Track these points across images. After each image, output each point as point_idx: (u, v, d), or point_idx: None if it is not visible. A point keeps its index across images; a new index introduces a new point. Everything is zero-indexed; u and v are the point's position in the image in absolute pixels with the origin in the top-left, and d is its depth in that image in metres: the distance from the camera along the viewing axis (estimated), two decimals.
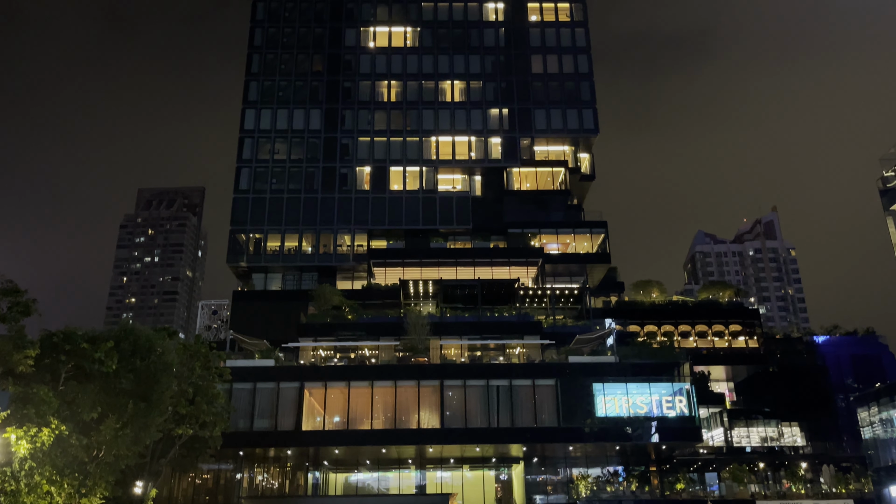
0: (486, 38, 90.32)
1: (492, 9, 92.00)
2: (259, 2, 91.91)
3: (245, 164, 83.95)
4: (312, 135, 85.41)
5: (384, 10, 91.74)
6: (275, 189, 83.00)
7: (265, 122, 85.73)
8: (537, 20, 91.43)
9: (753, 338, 74.68)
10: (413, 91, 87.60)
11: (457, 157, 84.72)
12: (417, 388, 55.92)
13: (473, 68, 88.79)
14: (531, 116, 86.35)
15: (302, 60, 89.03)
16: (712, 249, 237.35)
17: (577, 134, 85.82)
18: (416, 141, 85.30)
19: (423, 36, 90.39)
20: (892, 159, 59.36)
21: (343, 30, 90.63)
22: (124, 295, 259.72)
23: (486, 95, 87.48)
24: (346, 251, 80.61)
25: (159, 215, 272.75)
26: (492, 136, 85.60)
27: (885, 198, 60.07)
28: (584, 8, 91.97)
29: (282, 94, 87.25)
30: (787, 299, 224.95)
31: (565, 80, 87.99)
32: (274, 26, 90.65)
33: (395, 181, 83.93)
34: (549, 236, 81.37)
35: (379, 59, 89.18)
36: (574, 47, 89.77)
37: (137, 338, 38.27)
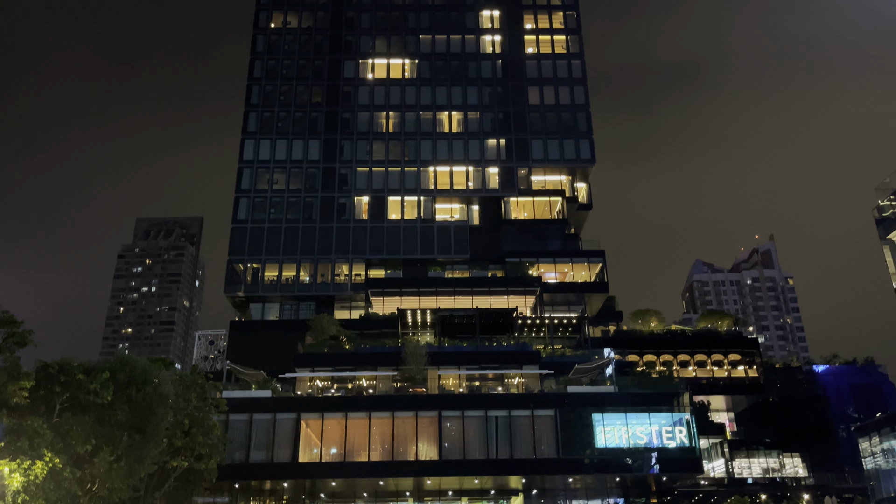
0: (484, 70, 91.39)
1: (489, 41, 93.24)
2: (259, 35, 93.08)
3: (243, 194, 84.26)
4: (311, 165, 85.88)
5: (383, 42, 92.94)
6: (273, 219, 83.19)
7: (264, 153, 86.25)
8: (534, 52, 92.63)
9: (753, 367, 74.39)
10: (411, 122, 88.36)
11: (454, 187, 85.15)
12: (415, 419, 55.46)
13: (471, 99, 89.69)
14: (528, 147, 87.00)
15: (301, 92, 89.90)
16: (710, 278, 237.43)
17: (573, 164, 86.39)
18: (415, 171, 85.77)
19: (421, 68, 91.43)
20: (887, 189, 59.76)
21: (342, 62, 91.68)
22: (121, 325, 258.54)
23: (484, 126, 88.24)
24: (344, 281, 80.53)
25: (157, 245, 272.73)
26: (489, 166, 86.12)
27: (881, 227, 60.26)
28: (580, 41, 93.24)
29: (281, 125, 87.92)
30: (786, 328, 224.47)
31: (562, 111, 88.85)
32: (273, 58, 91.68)
33: (394, 211, 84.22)
34: (547, 265, 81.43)
35: (377, 90, 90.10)
36: (570, 79, 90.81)
37: (133, 368, 38.01)
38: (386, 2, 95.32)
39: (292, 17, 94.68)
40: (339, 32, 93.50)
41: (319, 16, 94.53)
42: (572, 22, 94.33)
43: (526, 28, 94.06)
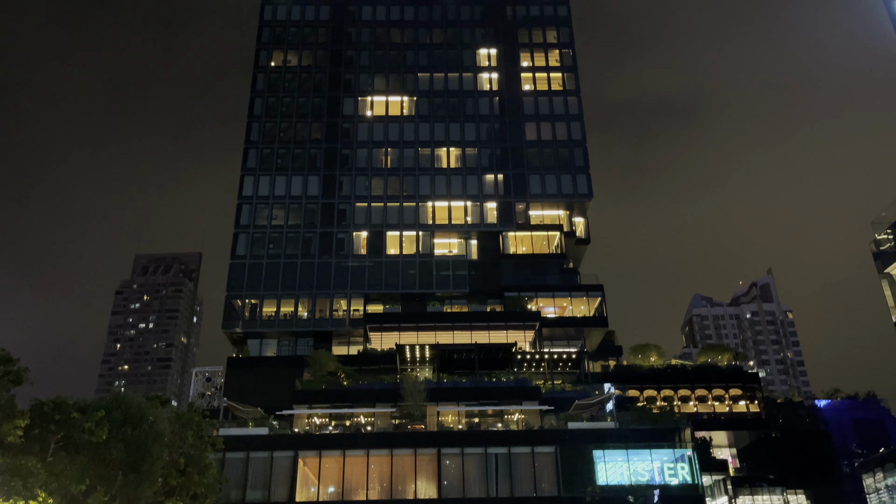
0: (481, 107, 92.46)
1: (486, 79, 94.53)
2: (259, 73, 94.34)
3: (242, 230, 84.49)
4: (310, 201, 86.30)
5: (381, 80, 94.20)
6: (272, 254, 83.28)
7: (263, 189, 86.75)
8: (531, 89, 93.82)
9: (754, 402, 73.82)
10: (409, 158, 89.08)
11: (453, 222, 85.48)
12: (414, 457, 54.79)
13: (469, 135, 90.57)
14: (526, 182, 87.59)
15: (301, 128, 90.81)
16: (709, 312, 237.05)
17: (571, 199, 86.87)
18: (413, 206, 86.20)
19: (419, 105, 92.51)
20: (883, 222, 59.96)
21: (341, 99, 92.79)
22: (117, 362, 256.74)
23: (482, 161, 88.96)
24: (343, 316, 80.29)
25: (155, 281, 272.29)
26: (487, 201, 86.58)
27: (878, 261, 60.30)
28: (576, 78, 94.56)
29: (280, 161, 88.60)
30: (787, 362, 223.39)
31: (559, 147, 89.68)
32: (273, 96, 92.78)
33: (392, 246, 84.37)
34: (546, 300, 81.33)
35: (376, 126, 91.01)
36: (567, 115, 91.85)
37: (129, 406, 37.62)
38: (384, 41, 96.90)
39: (292, 55, 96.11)
40: (338, 70, 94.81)
41: (319, 54, 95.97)
42: (568, 60, 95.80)
43: (523, 66, 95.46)
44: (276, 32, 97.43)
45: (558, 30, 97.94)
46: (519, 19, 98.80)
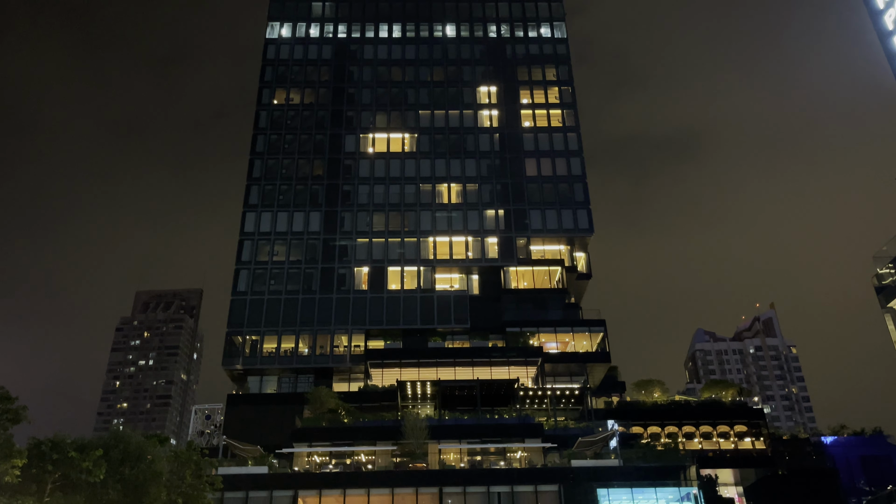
0: (482, 143, 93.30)
1: (486, 116, 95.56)
2: (262, 111, 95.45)
3: (244, 266, 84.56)
4: (312, 236, 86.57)
5: (383, 117, 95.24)
6: (273, 290, 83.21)
7: (265, 225, 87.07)
8: (530, 126, 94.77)
9: (760, 439, 72.86)
10: (411, 194, 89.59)
11: (454, 257, 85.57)
12: (416, 496, 54.00)
13: (469, 171, 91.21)
14: (527, 217, 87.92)
15: (303, 165, 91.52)
16: (712, 347, 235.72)
17: (572, 234, 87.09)
18: (414, 241, 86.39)
19: (420, 141, 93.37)
20: (884, 257, 60.00)
21: (343, 136, 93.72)
22: (116, 399, 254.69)
23: (483, 197, 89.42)
24: (343, 352, 79.86)
25: (156, 318, 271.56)
26: (488, 236, 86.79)
27: (881, 295, 60.18)
28: (576, 114, 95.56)
29: (282, 198, 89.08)
30: (792, 398, 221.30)
31: (559, 182, 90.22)
32: (276, 133, 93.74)
33: (393, 281, 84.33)
34: (548, 335, 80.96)
35: (378, 163, 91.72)
36: (566, 151, 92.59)
37: (127, 445, 37.24)
38: (386, 79, 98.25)
39: (295, 93, 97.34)
40: (340, 108, 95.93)
41: (321, 92, 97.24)
42: (567, 97, 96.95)
43: (522, 103, 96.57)
44: (278, 71, 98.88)
45: (557, 68, 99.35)
46: (518, 57, 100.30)
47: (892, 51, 47.13)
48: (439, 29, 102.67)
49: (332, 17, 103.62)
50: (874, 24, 48.96)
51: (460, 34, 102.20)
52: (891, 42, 47.05)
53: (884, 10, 47.55)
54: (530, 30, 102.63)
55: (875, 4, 48.49)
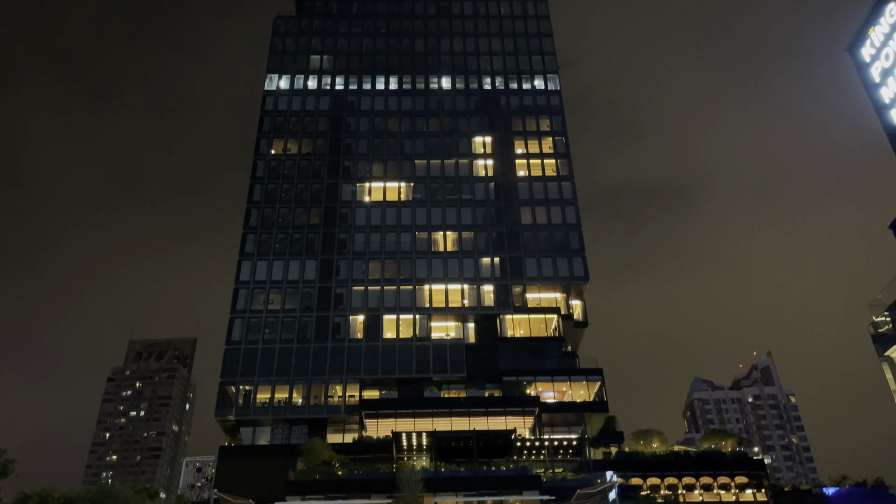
0: (477, 192, 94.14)
1: (481, 165, 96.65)
2: (260, 160, 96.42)
3: (238, 315, 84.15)
4: (307, 285, 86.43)
5: (379, 167, 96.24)
6: (267, 339, 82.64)
7: (261, 273, 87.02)
8: (525, 175, 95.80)
9: (761, 490, 71.65)
10: (407, 242, 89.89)
11: (450, 305, 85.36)
12: None
13: (465, 219, 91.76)
14: (522, 265, 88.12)
15: (299, 214, 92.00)
16: (711, 396, 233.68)
17: (567, 282, 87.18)
18: (410, 289, 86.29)
19: (416, 190, 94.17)
20: (880, 305, 59.95)
21: (340, 185, 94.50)
22: (106, 452, 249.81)
23: (478, 245, 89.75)
24: (338, 402, 78.89)
25: (149, 367, 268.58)
26: (484, 284, 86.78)
27: (877, 343, 59.89)
28: (569, 164, 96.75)
29: (278, 246, 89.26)
30: (792, 448, 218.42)
31: (554, 231, 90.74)
32: (273, 182, 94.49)
33: (389, 329, 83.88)
34: (545, 384, 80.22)
35: (374, 211, 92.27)
36: (561, 199, 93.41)
37: (116, 499, 36.44)
38: (382, 129, 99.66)
39: (292, 143, 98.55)
40: (337, 158, 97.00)
41: (319, 142, 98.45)
42: (561, 147, 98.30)
43: (517, 153, 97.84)
44: (277, 122, 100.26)
45: (551, 118, 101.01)
46: (513, 108, 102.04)
47: (889, 124, 47.73)
48: (435, 81, 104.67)
49: (330, 69, 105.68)
50: (870, 96, 49.65)
51: (455, 86, 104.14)
52: (888, 115, 47.67)
53: (880, 84, 48.34)
54: (524, 82, 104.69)
55: (871, 78, 49.33)
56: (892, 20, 47.01)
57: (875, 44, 48.85)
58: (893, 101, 47.05)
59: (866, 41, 49.78)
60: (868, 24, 49.61)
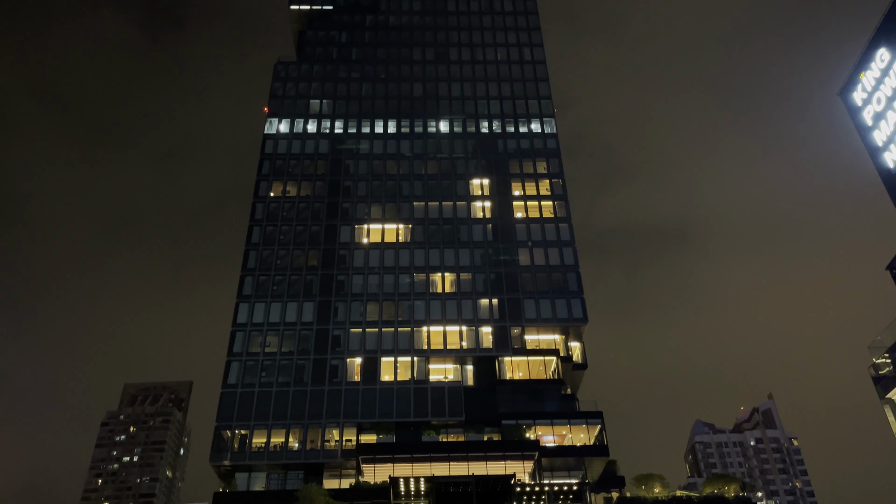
0: (475, 234, 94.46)
1: (479, 207, 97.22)
2: (259, 203, 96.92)
3: (235, 358, 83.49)
4: (305, 327, 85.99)
5: (378, 209, 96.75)
6: (264, 382, 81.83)
7: (258, 316, 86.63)
8: (523, 217, 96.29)
9: None
10: (405, 283, 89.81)
11: (448, 347, 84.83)
12: None
13: (463, 261, 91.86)
14: (521, 307, 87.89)
15: (297, 255, 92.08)
16: (712, 440, 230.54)
17: (566, 323, 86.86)
18: (408, 331, 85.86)
19: (414, 232, 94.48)
20: (880, 347, 59.72)
21: (338, 227, 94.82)
22: (97, 499, 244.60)
23: (476, 287, 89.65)
24: (335, 447, 77.72)
25: (143, 411, 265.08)
26: (483, 326, 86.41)
27: (878, 386, 59.46)
28: (567, 205, 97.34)
29: (276, 288, 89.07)
30: (796, 493, 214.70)
31: (552, 272, 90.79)
32: (272, 224, 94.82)
33: (387, 372, 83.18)
34: (545, 428, 79.24)
35: (372, 253, 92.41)
36: (559, 241, 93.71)
37: None
38: (381, 172, 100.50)
39: (291, 186, 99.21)
40: (335, 200, 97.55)
41: (317, 185, 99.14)
42: (558, 189, 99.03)
43: (514, 195, 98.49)
44: (276, 165, 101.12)
45: (548, 161, 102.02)
46: (510, 151, 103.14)
47: (883, 166, 48.29)
48: (433, 125, 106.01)
49: (329, 113, 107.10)
50: (863, 139, 50.32)
51: (453, 129, 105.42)
52: (881, 157, 48.26)
53: (872, 127, 49.03)
54: (521, 125, 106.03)
55: (863, 121, 50.05)
56: (882, 65, 47.92)
57: (866, 88, 49.70)
58: (886, 143, 47.65)
59: (858, 85, 50.66)
60: (859, 69, 50.55)
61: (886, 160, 47.72)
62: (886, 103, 47.27)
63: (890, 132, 46.93)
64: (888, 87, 47.02)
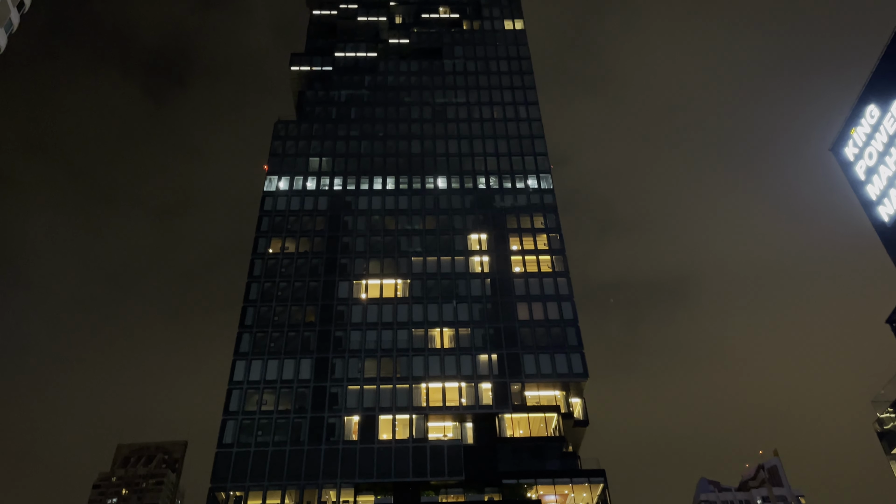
0: (473, 288, 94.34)
1: (477, 262, 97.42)
2: (257, 259, 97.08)
3: (231, 417, 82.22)
4: (302, 384, 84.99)
5: (376, 264, 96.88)
6: (260, 442, 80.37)
7: (255, 373, 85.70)
8: (521, 271, 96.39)
9: None
10: (403, 339, 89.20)
11: (447, 404, 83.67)
12: None
13: (462, 316, 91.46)
14: (520, 362, 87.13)
15: (295, 312, 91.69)
16: (718, 498, 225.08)
17: (567, 378, 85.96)
18: (406, 388, 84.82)
19: (413, 287, 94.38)
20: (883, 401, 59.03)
21: (336, 283, 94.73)
22: None
23: (475, 342, 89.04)
24: None
25: (136, 473, 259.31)
26: (482, 382, 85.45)
27: (884, 441, 58.47)
28: (565, 260, 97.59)
29: (273, 345, 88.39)
30: None
31: (552, 326, 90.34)
32: (270, 281, 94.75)
33: (385, 430, 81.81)
34: (546, 487, 77.53)
35: (370, 308, 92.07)
36: (557, 295, 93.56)
37: None
38: (379, 227, 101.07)
39: (290, 242, 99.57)
40: (334, 256, 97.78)
41: (316, 241, 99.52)
42: (556, 243, 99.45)
43: (512, 249, 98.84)
44: (275, 221, 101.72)
45: (545, 215, 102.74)
46: (507, 207, 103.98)
47: (877, 219, 48.75)
48: (431, 181, 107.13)
49: (329, 170, 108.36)
50: (856, 193, 50.93)
51: (451, 185, 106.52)
52: (875, 211, 48.77)
53: (865, 182, 49.69)
54: (518, 181, 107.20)
55: (856, 175, 50.75)
56: (872, 121, 48.80)
57: (857, 143, 50.47)
58: (880, 197, 48.13)
59: (849, 141, 51.47)
60: (849, 125, 51.45)
61: (881, 214, 48.12)
62: (878, 158, 47.94)
63: (883, 186, 47.47)
64: (879, 143, 47.77)
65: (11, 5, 66.15)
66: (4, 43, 67.34)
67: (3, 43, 67.13)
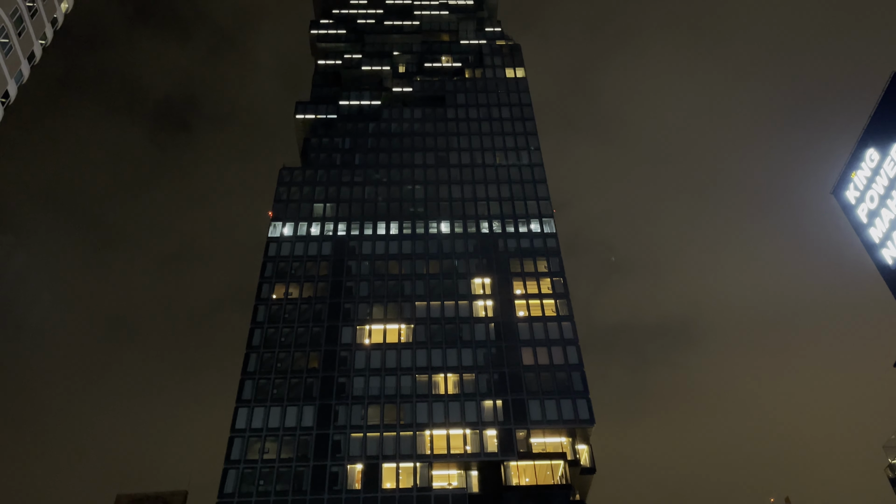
0: (478, 333, 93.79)
1: (481, 306, 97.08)
2: (261, 305, 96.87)
3: (232, 466, 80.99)
4: (304, 432, 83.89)
5: (380, 309, 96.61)
6: (261, 491, 78.96)
7: (257, 421, 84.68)
8: (525, 315, 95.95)
9: None
10: (407, 385, 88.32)
11: (452, 451, 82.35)
12: None
13: (466, 361, 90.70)
14: (526, 408, 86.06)
15: (298, 358, 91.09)
16: None
17: (573, 425, 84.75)
18: (410, 435, 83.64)
19: (416, 332, 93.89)
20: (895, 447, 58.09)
21: (340, 328, 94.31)
22: None
23: (480, 387, 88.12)
24: None
25: None
26: (487, 429, 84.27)
27: None
28: (569, 304, 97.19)
29: (276, 392, 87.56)
30: None
31: (557, 371, 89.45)
32: (273, 326, 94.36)
33: (388, 479, 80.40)
34: None
35: (374, 354, 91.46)
36: (562, 339, 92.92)
37: None
38: (383, 272, 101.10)
39: (294, 288, 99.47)
40: (337, 301, 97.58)
41: (320, 286, 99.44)
42: (560, 287, 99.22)
43: (516, 293, 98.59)
44: (279, 267, 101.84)
45: (548, 260, 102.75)
46: (511, 251, 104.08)
47: (881, 262, 48.83)
48: (434, 226, 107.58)
49: (333, 216, 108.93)
50: (859, 235, 51.14)
51: (454, 230, 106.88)
52: (879, 254, 48.89)
53: (867, 225, 49.94)
54: (521, 225, 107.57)
55: (858, 219, 51.00)
56: (872, 164, 49.16)
57: (858, 187, 50.77)
58: (883, 240, 48.19)
59: (850, 184, 51.79)
60: (850, 169, 51.83)
61: (885, 256, 48.13)
62: (880, 201, 48.15)
63: (886, 229, 47.57)
64: (880, 186, 48.04)
65: (22, 56, 67.66)
66: (15, 93, 68.66)
67: (14, 92, 68.45)
